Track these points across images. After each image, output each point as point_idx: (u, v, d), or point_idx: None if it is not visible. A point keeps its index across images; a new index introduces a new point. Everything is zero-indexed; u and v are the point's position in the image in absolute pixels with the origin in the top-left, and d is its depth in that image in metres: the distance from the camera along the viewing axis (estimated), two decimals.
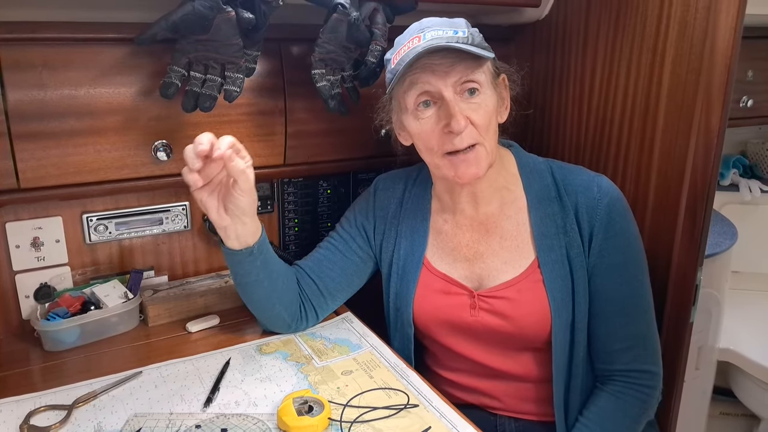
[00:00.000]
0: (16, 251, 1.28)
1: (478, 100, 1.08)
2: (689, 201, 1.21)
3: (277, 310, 1.22)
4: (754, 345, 1.96)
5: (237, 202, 1.06)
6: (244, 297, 1.23)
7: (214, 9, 1.06)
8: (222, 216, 1.08)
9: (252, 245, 1.14)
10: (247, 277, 1.17)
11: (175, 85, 1.14)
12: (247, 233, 1.12)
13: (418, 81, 1.08)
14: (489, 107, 1.09)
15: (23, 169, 1.13)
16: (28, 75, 1.10)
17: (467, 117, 1.07)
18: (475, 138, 1.09)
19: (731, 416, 2.17)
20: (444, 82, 1.06)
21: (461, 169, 1.10)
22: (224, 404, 1.03)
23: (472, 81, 1.07)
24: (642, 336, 1.16)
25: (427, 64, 1.05)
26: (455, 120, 1.05)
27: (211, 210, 1.07)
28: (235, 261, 1.15)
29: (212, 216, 1.08)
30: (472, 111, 1.08)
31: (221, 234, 1.12)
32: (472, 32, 1.08)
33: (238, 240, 1.12)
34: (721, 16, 1.12)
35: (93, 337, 1.25)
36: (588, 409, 1.17)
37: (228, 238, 1.12)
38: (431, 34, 1.06)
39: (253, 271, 1.16)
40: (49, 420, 0.98)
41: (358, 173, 1.64)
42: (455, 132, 1.07)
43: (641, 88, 1.30)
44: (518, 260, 1.18)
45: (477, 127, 1.08)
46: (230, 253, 1.14)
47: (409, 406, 1.02)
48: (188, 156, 1.00)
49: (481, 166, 1.11)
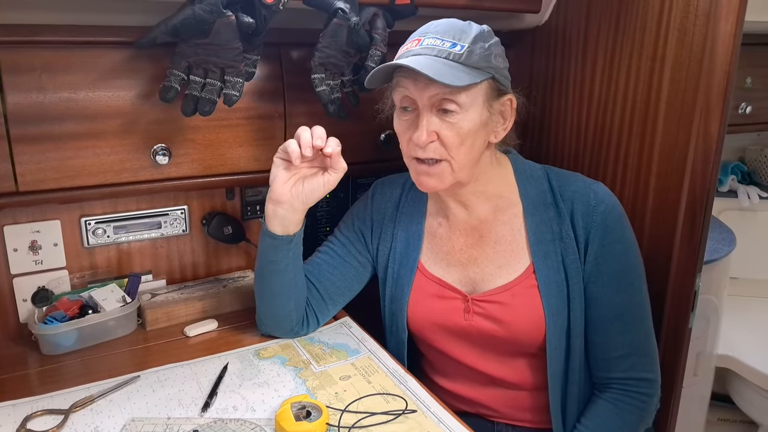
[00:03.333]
0: (14, 254, 1.27)
1: (453, 119, 1.06)
2: (688, 207, 1.21)
3: (289, 308, 1.22)
4: (753, 351, 1.96)
5: (314, 187, 1.15)
6: (264, 289, 1.22)
7: (214, 13, 1.06)
8: (285, 191, 1.14)
9: (293, 235, 1.17)
10: (276, 264, 1.18)
11: (174, 88, 1.14)
12: (293, 221, 1.17)
13: (400, 84, 1.09)
14: (464, 128, 1.07)
15: (22, 172, 1.13)
16: (27, 78, 1.10)
17: (436, 132, 1.07)
18: (439, 154, 1.08)
19: (729, 422, 2.17)
20: (420, 95, 1.06)
21: (421, 178, 1.13)
22: (222, 409, 1.03)
23: (449, 100, 1.05)
24: (639, 343, 1.16)
25: (411, 72, 1.04)
26: (417, 133, 1.07)
27: (278, 184, 1.14)
28: (272, 246, 1.17)
29: (276, 188, 1.14)
30: (445, 128, 1.07)
31: (270, 214, 1.15)
32: (473, 48, 1.05)
33: (282, 224, 1.15)
34: (720, 22, 1.12)
35: (91, 340, 1.24)
36: (585, 416, 1.17)
37: (275, 218, 1.15)
38: (429, 41, 1.06)
39: (284, 259, 1.18)
40: (46, 424, 0.98)
41: (357, 178, 1.64)
42: (415, 144, 1.08)
43: (641, 94, 1.30)
44: (513, 265, 1.18)
45: (445, 145, 1.07)
46: (271, 236, 1.16)
47: (408, 412, 1.01)
48: (305, 140, 1.10)
49: (443, 181, 1.11)
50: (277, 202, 1.14)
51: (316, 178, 1.16)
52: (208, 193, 1.47)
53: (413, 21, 1.27)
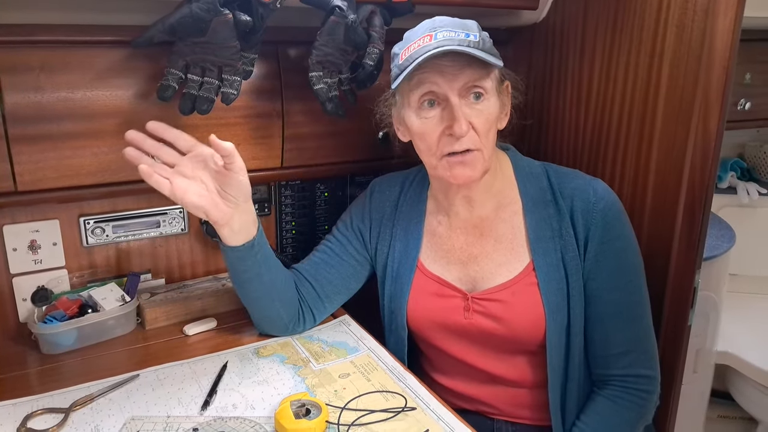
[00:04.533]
0: (14, 254, 1.27)
1: (482, 106, 1.08)
2: (687, 203, 1.21)
3: (276, 308, 1.22)
4: (752, 348, 1.96)
5: (235, 183, 1.08)
6: (244, 296, 1.22)
7: (211, 12, 1.06)
8: (223, 209, 1.08)
9: (253, 238, 1.14)
10: (248, 273, 1.17)
11: (172, 87, 1.14)
12: (249, 222, 1.13)
13: (426, 80, 1.07)
14: (491, 114, 1.09)
15: (20, 172, 1.13)
16: (25, 78, 1.10)
17: (469, 122, 1.07)
18: (474, 143, 1.08)
19: (729, 419, 2.17)
20: (451, 85, 1.06)
21: (457, 170, 1.10)
22: (221, 407, 1.03)
23: (478, 87, 1.07)
24: (639, 340, 1.16)
25: (437, 65, 1.05)
26: (458, 124, 1.05)
27: (211, 208, 1.07)
28: (237, 257, 1.15)
29: (214, 214, 1.07)
30: (474, 116, 1.08)
31: (224, 232, 1.12)
32: (483, 37, 1.07)
33: (241, 232, 1.12)
34: (719, 18, 1.12)
35: (90, 340, 1.24)
36: (585, 413, 1.17)
37: (232, 233, 1.12)
38: (443, 34, 1.06)
39: (254, 265, 1.16)
40: (46, 423, 0.98)
41: (356, 176, 1.64)
42: (457, 136, 1.06)
43: (639, 90, 1.30)
44: (513, 263, 1.18)
45: (478, 133, 1.08)
46: (232, 250, 1.14)
47: (407, 409, 1.01)
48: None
49: (477, 170, 1.11)
50: (224, 221, 1.10)
51: (230, 180, 1.08)
52: None
53: (410, 18, 1.27)
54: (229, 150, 1.05)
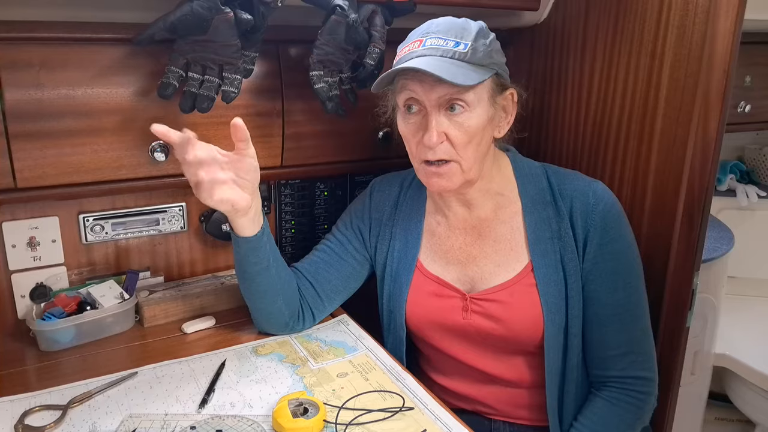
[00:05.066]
0: (13, 251, 1.27)
1: (461, 118, 1.07)
2: (686, 206, 1.21)
3: (279, 303, 1.22)
4: (750, 350, 1.96)
5: (250, 167, 1.08)
6: (251, 290, 1.21)
7: (212, 10, 1.06)
8: (245, 196, 1.08)
9: (262, 227, 1.15)
10: (259, 265, 1.17)
11: (172, 85, 1.14)
12: (259, 209, 1.14)
13: (406, 87, 1.08)
14: (472, 126, 1.07)
15: (20, 169, 1.13)
16: (25, 74, 1.10)
17: (444, 132, 1.07)
18: (449, 154, 1.08)
19: (726, 421, 2.18)
20: (428, 96, 1.06)
21: (432, 180, 1.11)
22: (219, 405, 1.03)
23: (458, 100, 1.05)
24: (637, 342, 1.16)
25: (417, 74, 1.04)
26: (428, 135, 1.06)
27: (238, 199, 1.07)
28: (250, 248, 1.15)
29: (240, 203, 1.07)
30: (453, 128, 1.07)
31: (242, 221, 1.12)
32: (476, 46, 1.06)
33: (255, 221, 1.13)
34: (719, 20, 1.12)
35: (88, 337, 1.24)
36: (583, 414, 1.17)
37: (249, 221, 1.13)
38: (431, 41, 1.06)
39: (265, 256, 1.17)
40: (43, 420, 0.98)
41: (355, 175, 1.64)
42: (426, 146, 1.07)
43: (639, 92, 1.30)
44: (511, 264, 1.18)
45: (453, 145, 1.07)
46: (246, 241, 1.14)
47: (405, 409, 1.01)
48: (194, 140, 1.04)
49: (453, 181, 1.11)
50: (247, 209, 1.10)
51: (244, 164, 1.08)
52: None
53: (412, 18, 1.27)
54: (247, 135, 1.07)
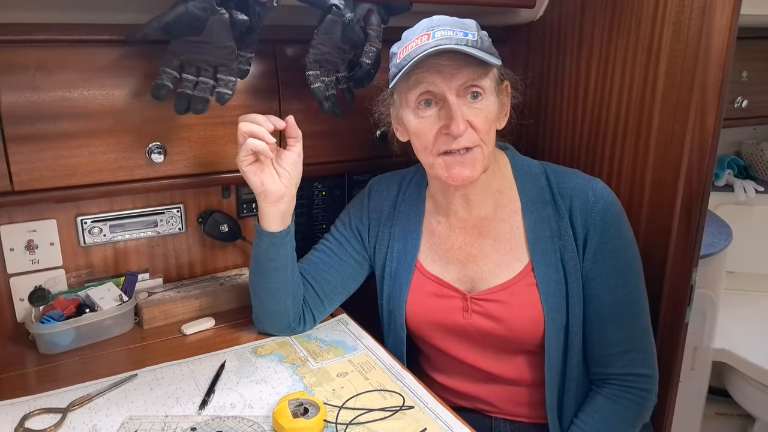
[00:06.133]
0: (11, 254, 1.27)
1: (480, 105, 1.08)
2: (684, 201, 1.21)
3: (287, 303, 1.22)
4: (749, 345, 1.96)
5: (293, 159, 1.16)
6: (263, 286, 1.21)
7: (207, 10, 1.05)
8: (278, 182, 1.15)
9: (289, 227, 1.18)
10: (278, 262, 1.18)
11: (166, 87, 1.13)
12: (290, 211, 1.19)
13: (423, 80, 1.07)
14: (491, 113, 1.09)
15: (17, 172, 1.12)
16: (21, 77, 1.10)
17: (468, 121, 1.07)
18: (473, 141, 1.08)
19: (726, 416, 2.18)
20: (449, 85, 1.05)
21: (455, 170, 1.10)
22: (219, 406, 1.03)
23: (476, 86, 1.06)
24: (637, 339, 1.16)
25: (434, 64, 1.05)
26: (455, 123, 1.05)
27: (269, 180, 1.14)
28: (272, 243, 1.17)
29: (271, 186, 1.14)
30: (473, 115, 1.07)
31: (271, 210, 1.16)
32: (481, 36, 1.07)
33: (284, 218, 1.17)
34: (715, 16, 1.12)
35: (88, 339, 1.24)
36: (583, 411, 1.17)
37: (277, 214, 1.16)
38: (441, 33, 1.05)
39: (285, 255, 1.18)
40: (44, 423, 0.98)
41: (353, 175, 1.64)
42: (454, 135, 1.06)
43: (636, 88, 1.30)
44: (512, 263, 1.18)
45: (477, 131, 1.08)
46: (270, 235, 1.17)
47: (405, 408, 1.01)
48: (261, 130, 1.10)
49: (476, 168, 1.10)
50: (279, 199, 1.14)
51: (286, 156, 1.16)
52: (203, 191, 1.47)
53: (407, 17, 1.27)
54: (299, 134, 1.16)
